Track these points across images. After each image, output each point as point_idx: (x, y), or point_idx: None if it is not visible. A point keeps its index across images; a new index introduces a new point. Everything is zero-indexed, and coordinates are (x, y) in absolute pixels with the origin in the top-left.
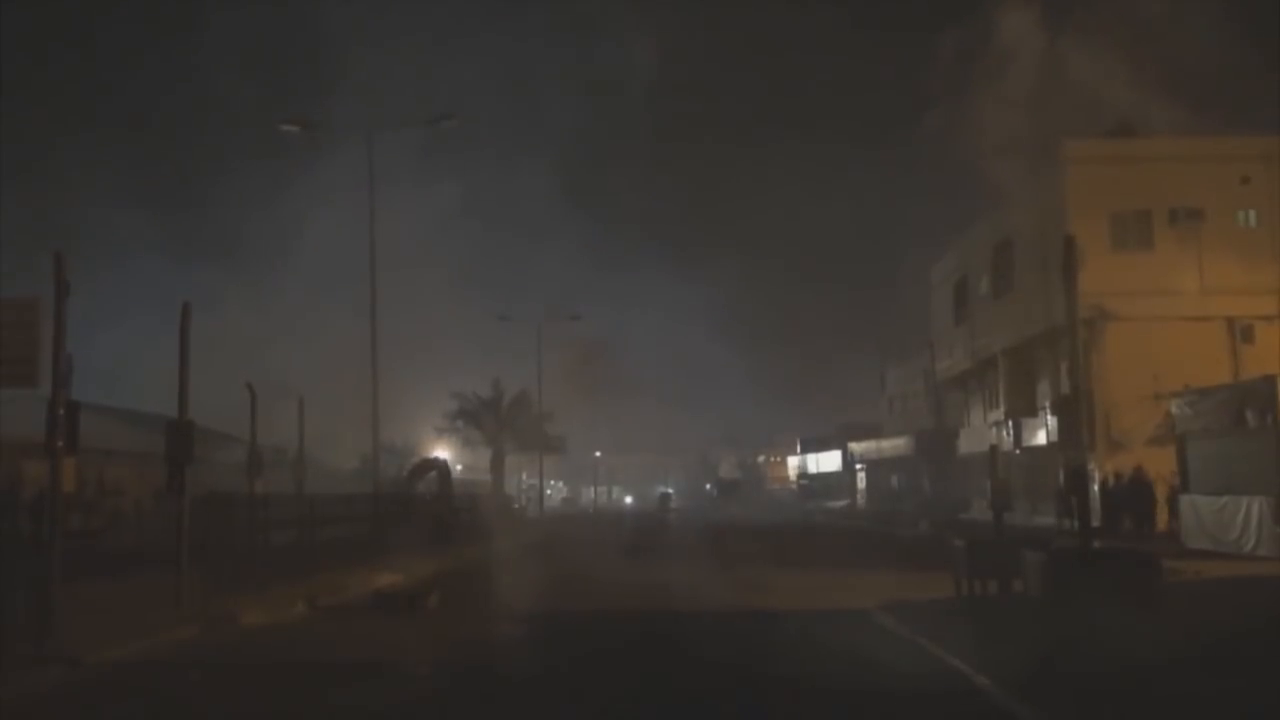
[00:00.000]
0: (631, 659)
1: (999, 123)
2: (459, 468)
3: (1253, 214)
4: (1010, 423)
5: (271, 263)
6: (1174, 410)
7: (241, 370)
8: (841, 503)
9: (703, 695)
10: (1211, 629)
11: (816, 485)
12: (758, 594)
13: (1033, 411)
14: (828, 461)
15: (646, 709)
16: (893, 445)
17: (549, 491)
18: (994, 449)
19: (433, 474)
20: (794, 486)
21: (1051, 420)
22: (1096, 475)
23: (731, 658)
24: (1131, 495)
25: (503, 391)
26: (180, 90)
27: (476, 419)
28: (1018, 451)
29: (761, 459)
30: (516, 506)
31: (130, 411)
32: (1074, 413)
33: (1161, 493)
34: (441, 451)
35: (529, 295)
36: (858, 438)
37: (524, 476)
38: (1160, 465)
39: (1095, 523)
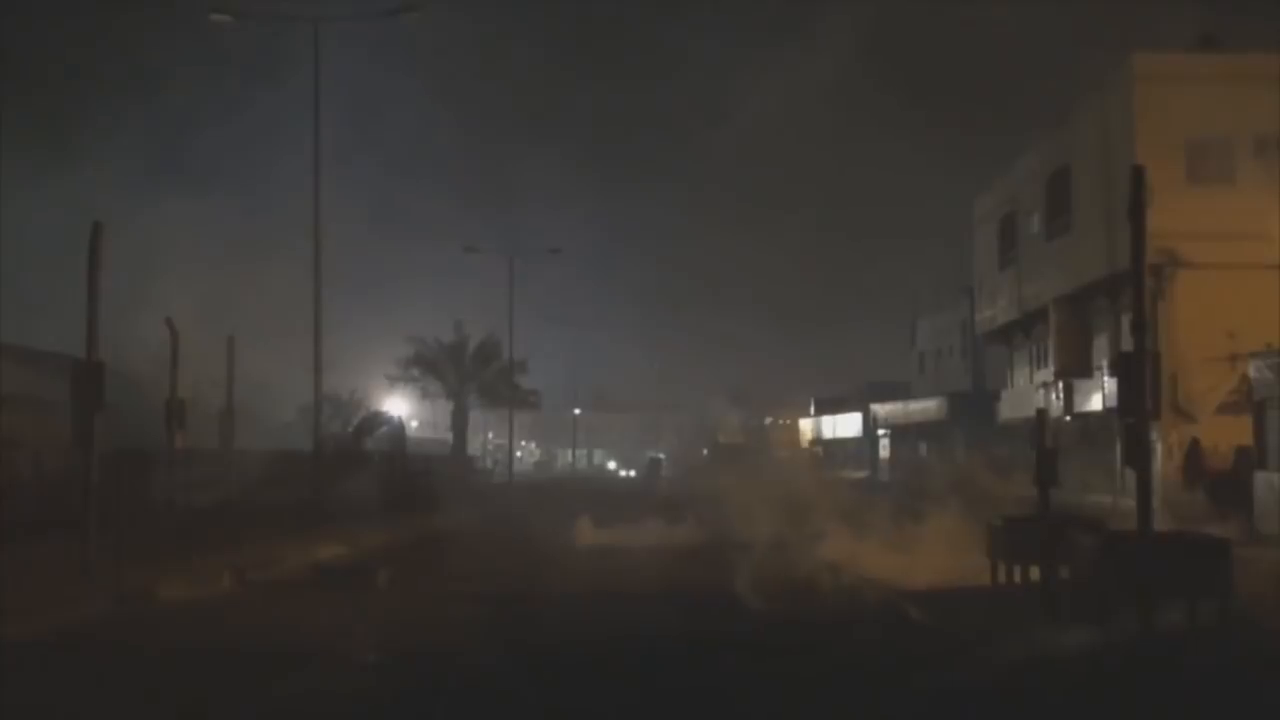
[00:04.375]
0: (603, 648)
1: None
2: (414, 424)
3: None
4: (1061, 384)
5: (196, 182)
6: (1252, 373)
7: (162, 305)
8: (861, 473)
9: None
10: None
11: (832, 452)
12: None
13: (1088, 371)
14: (846, 425)
15: (614, 707)
16: (922, 408)
17: (519, 454)
18: (1041, 414)
19: (383, 431)
20: (808, 453)
21: (1109, 382)
22: (1159, 446)
23: (707, 658)
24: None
25: (467, 336)
26: None
27: (436, 367)
28: (1068, 418)
29: (769, 421)
30: (481, 470)
31: (29, 349)
32: (1136, 373)
33: (1214, 467)
34: (395, 405)
35: (503, 229)
36: (882, 399)
37: (490, 436)
38: (1234, 436)
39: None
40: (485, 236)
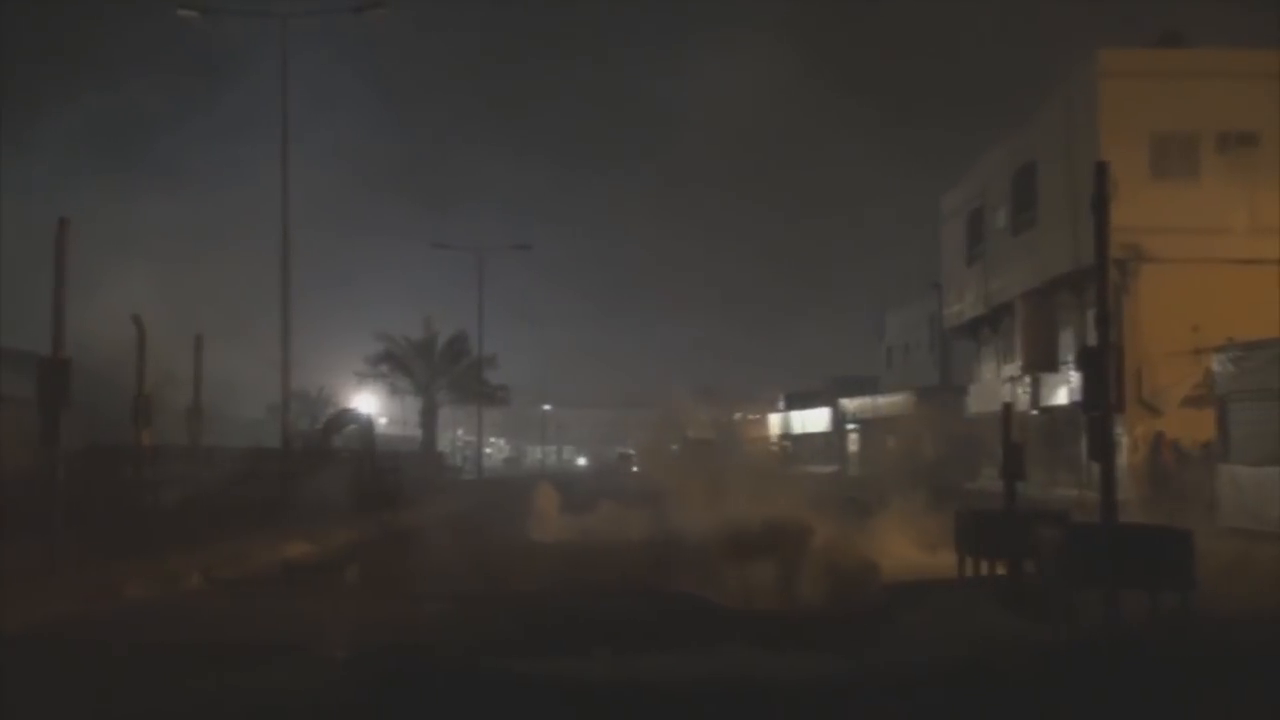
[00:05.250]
0: (575, 642)
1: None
2: (383, 421)
3: None
4: (1028, 378)
5: (161, 178)
6: (1215, 367)
7: (125, 301)
8: (830, 468)
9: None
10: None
11: (802, 447)
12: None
13: (1054, 366)
14: (815, 420)
15: (586, 701)
16: (890, 403)
17: (488, 450)
18: (1007, 408)
19: (352, 428)
20: (775, 448)
21: (1075, 376)
22: (1125, 440)
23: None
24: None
25: (436, 332)
26: None
27: (405, 364)
28: (1035, 412)
29: (738, 416)
30: (451, 466)
31: None
32: (1100, 367)
33: (1170, 459)
34: (364, 402)
35: (472, 223)
36: (850, 393)
37: (460, 433)
38: (1200, 430)
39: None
40: (453, 234)
